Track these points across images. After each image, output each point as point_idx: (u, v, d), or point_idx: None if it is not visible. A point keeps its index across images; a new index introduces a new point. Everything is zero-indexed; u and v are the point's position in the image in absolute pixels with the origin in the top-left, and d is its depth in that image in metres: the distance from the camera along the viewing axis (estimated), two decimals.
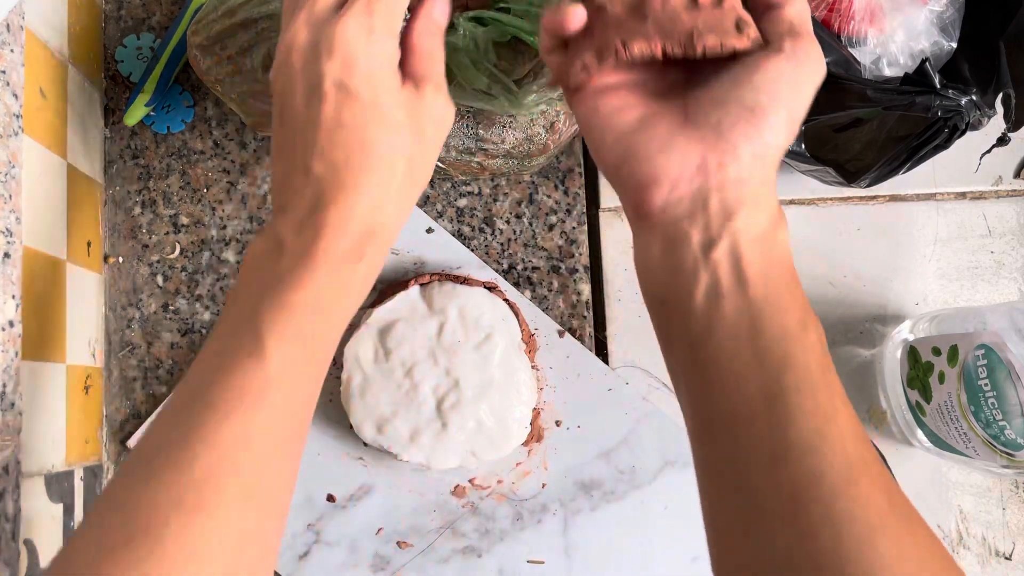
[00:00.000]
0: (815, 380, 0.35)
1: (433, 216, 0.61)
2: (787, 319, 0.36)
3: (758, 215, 0.37)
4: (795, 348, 0.35)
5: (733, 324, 0.36)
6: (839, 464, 0.33)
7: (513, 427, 0.57)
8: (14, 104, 0.46)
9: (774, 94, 0.37)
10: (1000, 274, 0.62)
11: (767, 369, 0.35)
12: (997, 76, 0.49)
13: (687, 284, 0.37)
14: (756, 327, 0.36)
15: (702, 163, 0.37)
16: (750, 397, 0.35)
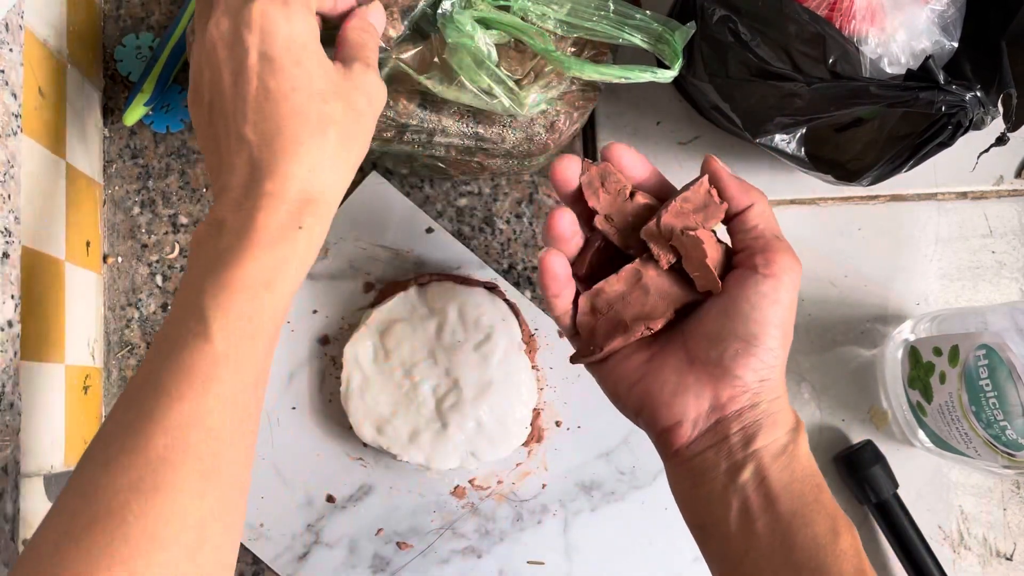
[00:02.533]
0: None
1: (433, 216, 0.61)
2: (817, 529, 0.38)
3: (776, 431, 0.40)
4: (828, 559, 0.38)
5: (767, 543, 0.38)
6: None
7: (513, 427, 0.57)
8: (13, 104, 0.46)
9: (763, 319, 0.40)
10: (1001, 274, 0.62)
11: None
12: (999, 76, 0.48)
13: (720, 510, 0.40)
14: (788, 543, 0.38)
15: (715, 401, 0.41)
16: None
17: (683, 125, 0.63)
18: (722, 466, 0.40)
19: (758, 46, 0.49)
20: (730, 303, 0.41)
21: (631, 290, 0.44)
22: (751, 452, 0.40)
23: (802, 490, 0.39)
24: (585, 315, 0.44)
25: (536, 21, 0.49)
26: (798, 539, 0.38)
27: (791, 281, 0.41)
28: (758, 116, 0.51)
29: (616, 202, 0.44)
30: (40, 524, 0.35)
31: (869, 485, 0.57)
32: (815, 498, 0.39)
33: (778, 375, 0.41)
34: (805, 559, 0.38)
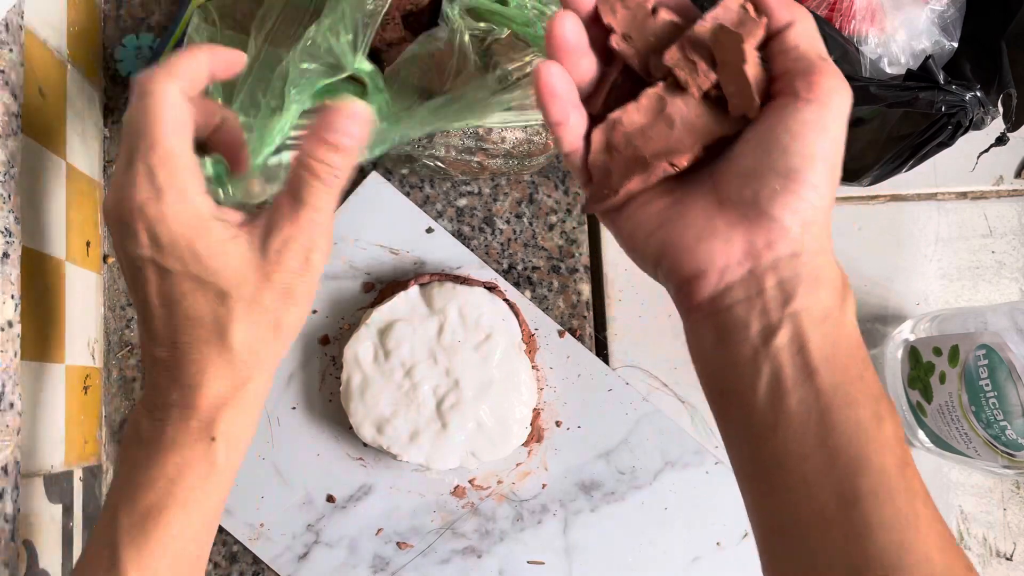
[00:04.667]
0: (893, 483, 0.32)
1: (433, 216, 0.61)
2: (860, 412, 0.32)
3: (820, 292, 0.34)
4: (870, 446, 0.32)
5: (800, 421, 0.33)
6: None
7: (513, 427, 0.57)
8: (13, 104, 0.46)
9: (806, 152, 0.33)
10: (1001, 274, 0.62)
11: (840, 471, 0.32)
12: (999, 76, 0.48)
13: (748, 377, 0.34)
14: (826, 423, 0.32)
15: (748, 247, 0.34)
16: (823, 504, 0.32)
17: None
18: (754, 326, 0.33)
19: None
20: (767, 134, 0.34)
21: (653, 121, 0.36)
22: (789, 313, 0.33)
23: (847, 364, 0.33)
24: (599, 153, 0.37)
25: (538, 7, 0.48)
26: (837, 420, 0.32)
27: (839, 107, 0.34)
28: None
29: (636, 19, 0.36)
30: None
31: None
32: (859, 375, 0.33)
33: (823, 221, 0.34)
34: (844, 444, 0.32)
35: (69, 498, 0.53)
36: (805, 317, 0.33)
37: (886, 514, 0.31)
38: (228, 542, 0.59)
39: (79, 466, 0.55)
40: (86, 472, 0.56)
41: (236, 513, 0.59)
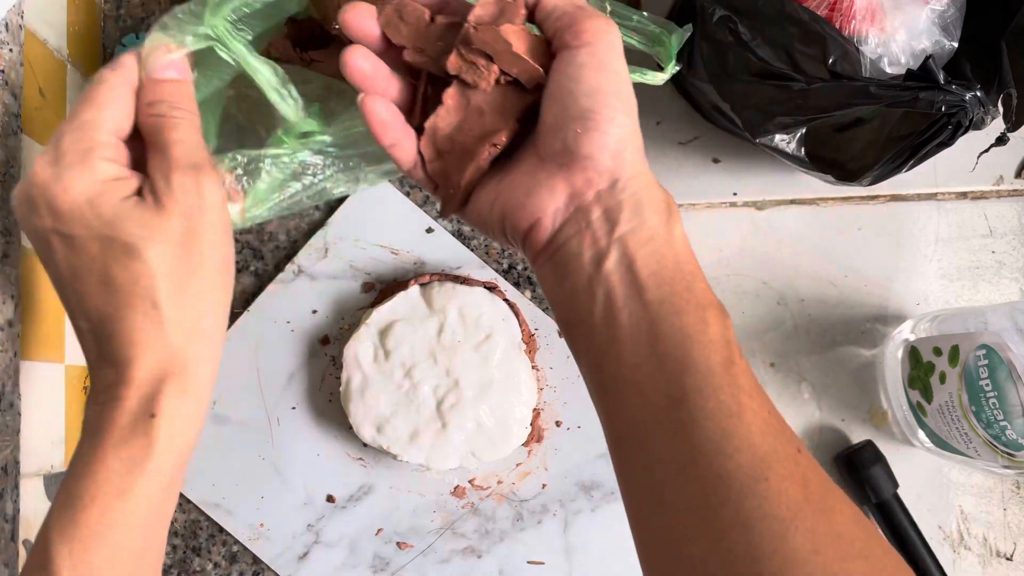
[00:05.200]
0: (717, 380, 0.34)
1: (433, 216, 0.61)
2: (685, 319, 0.35)
3: (644, 214, 0.36)
4: (695, 349, 0.34)
5: (632, 334, 0.35)
6: (746, 462, 0.32)
7: (513, 427, 0.57)
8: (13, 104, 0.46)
9: (592, 90, 0.36)
10: (1001, 274, 0.62)
11: (668, 374, 0.34)
12: (999, 76, 0.48)
13: (586, 302, 0.36)
14: (654, 333, 0.35)
15: (571, 188, 0.37)
16: (655, 405, 0.34)
17: (683, 125, 0.63)
18: (586, 255, 0.36)
19: (758, 46, 0.49)
20: (557, 87, 0.37)
21: (465, 116, 0.40)
22: (616, 238, 0.36)
23: (673, 278, 0.35)
24: (433, 161, 0.40)
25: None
26: (663, 329, 0.35)
27: (608, 43, 0.37)
28: (758, 116, 0.51)
29: (420, 31, 0.40)
30: None
31: (869, 485, 0.57)
32: (687, 287, 0.35)
33: (633, 149, 0.37)
34: (671, 349, 0.34)
35: None
36: (631, 239, 0.36)
37: (710, 407, 0.33)
38: (228, 542, 0.59)
39: None
40: None
41: (236, 513, 0.59)
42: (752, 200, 0.63)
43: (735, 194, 0.62)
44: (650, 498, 0.35)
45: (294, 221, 0.61)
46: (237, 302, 0.60)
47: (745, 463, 0.32)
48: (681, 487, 0.33)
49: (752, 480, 0.32)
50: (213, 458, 0.59)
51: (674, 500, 0.34)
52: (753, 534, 0.31)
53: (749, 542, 0.31)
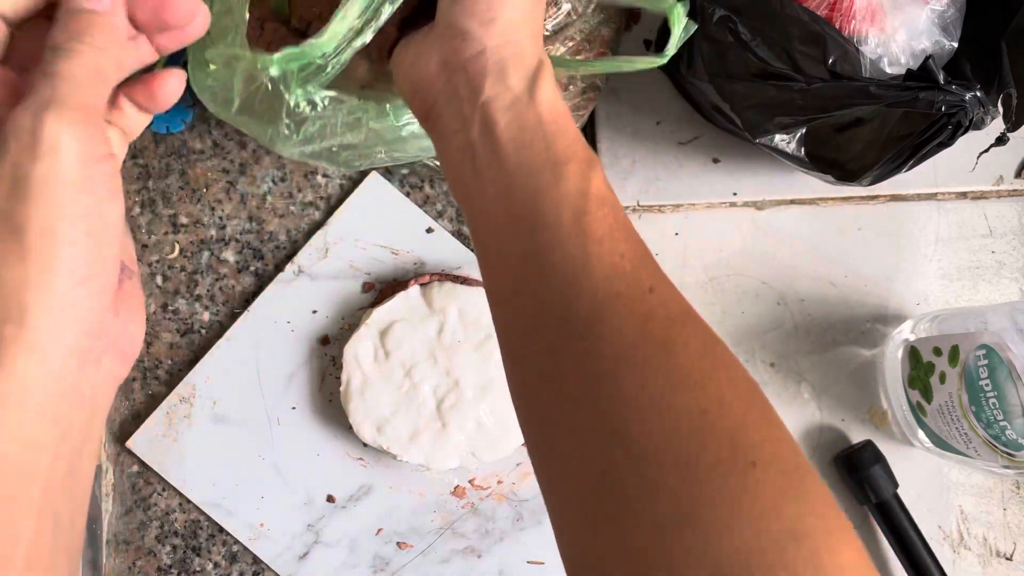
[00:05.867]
0: (565, 231, 0.34)
1: (433, 216, 0.61)
2: (539, 178, 0.35)
3: (508, 80, 0.36)
4: (546, 205, 0.34)
5: (492, 198, 0.36)
6: (585, 308, 0.32)
7: (513, 427, 0.57)
8: None
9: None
10: (1001, 274, 0.62)
11: (521, 233, 0.34)
12: (999, 76, 0.48)
13: (461, 171, 0.37)
14: (509, 195, 0.35)
15: (442, 58, 0.37)
16: (513, 265, 0.35)
17: (683, 125, 0.63)
18: (455, 125, 0.37)
19: (758, 46, 0.49)
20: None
21: (361, 60, 0.43)
22: (479, 105, 0.36)
23: (532, 140, 0.35)
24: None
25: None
26: (518, 189, 0.35)
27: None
28: (758, 116, 0.51)
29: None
30: None
31: (869, 485, 0.57)
32: (546, 145, 0.35)
33: (508, 16, 0.36)
34: (523, 209, 0.34)
35: None
36: (492, 105, 0.36)
37: (555, 260, 0.33)
38: (228, 542, 0.59)
39: None
40: None
41: (236, 513, 0.59)
42: (752, 200, 0.63)
43: (735, 194, 0.62)
44: (510, 359, 0.36)
45: (294, 221, 0.61)
46: (237, 302, 0.60)
47: (583, 309, 0.32)
48: (532, 342, 0.34)
49: (587, 324, 0.32)
50: (213, 458, 0.59)
51: (527, 356, 0.34)
52: (587, 376, 0.32)
53: (585, 384, 0.32)
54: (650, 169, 0.63)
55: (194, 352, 0.60)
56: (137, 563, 0.59)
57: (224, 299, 0.61)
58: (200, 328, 0.60)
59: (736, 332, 0.61)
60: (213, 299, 0.61)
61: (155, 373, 0.60)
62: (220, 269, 0.61)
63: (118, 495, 0.59)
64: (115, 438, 0.59)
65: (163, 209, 0.61)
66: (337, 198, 0.61)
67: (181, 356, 0.60)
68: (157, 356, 0.60)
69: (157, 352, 0.60)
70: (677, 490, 0.29)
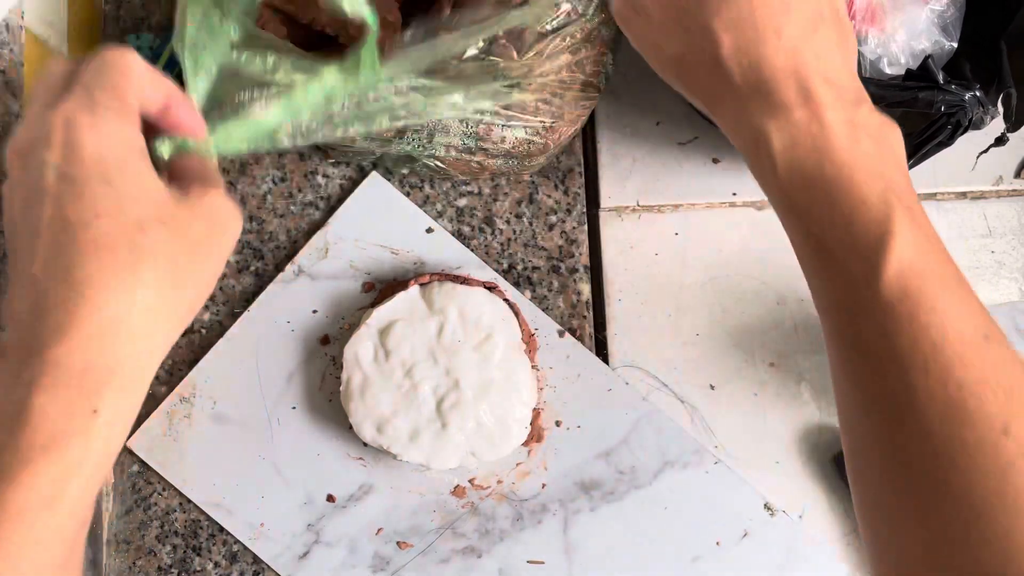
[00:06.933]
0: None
1: (433, 216, 0.61)
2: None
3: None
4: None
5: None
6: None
7: (513, 427, 0.57)
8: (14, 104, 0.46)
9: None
10: (1000, 274, 0.62)
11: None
12: (999, 76, 0.49)
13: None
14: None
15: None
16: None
17: (683, 125, 0.63)
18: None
19: None
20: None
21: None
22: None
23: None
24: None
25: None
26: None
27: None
28: None
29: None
30: None
31: None
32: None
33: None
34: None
35: None
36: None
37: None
38: (228, 542, 0.59)
39: None
40: None
41: (236, 513, 0.59)
42: (752, 200, 0.63)
43: (735, 194, 0.62)
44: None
45: (294, 221, 0.61)
46: (237, 302, 0.60)
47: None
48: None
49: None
50: (213, 458, 0.59)
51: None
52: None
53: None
54: (650, 169, 0.63)
55: (194, 352, 0.60)
56: (137, 563, 0.59)
57: (224, 299, 0.61)
58: (200, 328, 0.60)
59: (736, 332, 0.61)
60: (213, 299, 0.61)
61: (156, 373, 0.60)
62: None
63: (118, 495, 0.59)
64: None
65: None
66: (337, 198, 0.61)
67: (181, 356, 0.60)
68: None
69: None
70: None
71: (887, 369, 0.31)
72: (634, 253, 0.62)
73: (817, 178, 0.33)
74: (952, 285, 0.32)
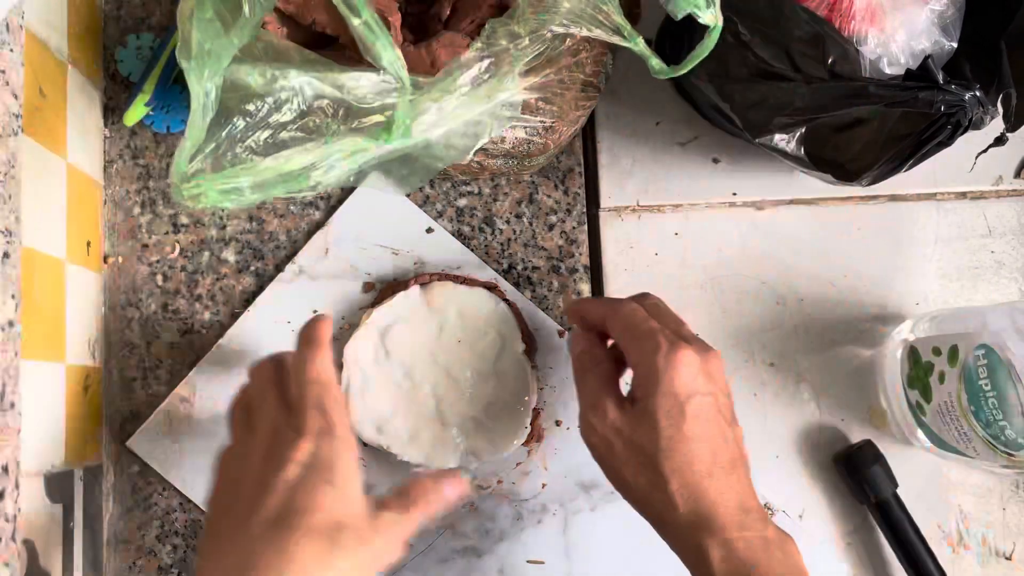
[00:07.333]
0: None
1: (433, 216, 0.61)
2: None
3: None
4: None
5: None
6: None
7: (513, 427, 0.57)
8: (14, 104, 0.46)
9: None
10: (1000, 274, 0.62)
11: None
12: (999, 76, 0.49)
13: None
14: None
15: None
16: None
17: (682, 125, 0.63)
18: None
19: (758, 46, 0.49)
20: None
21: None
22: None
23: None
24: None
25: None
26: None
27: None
28: (758, 116, 0.51)
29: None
30: None
31: (868, 485, 0.57)
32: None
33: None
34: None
35: (69, 498, 0.53)
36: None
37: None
38: None
39: (79, 466, 0.55)
40: (86, 472, 0.56)
41: None
42: (752, 200, 0.63)
43: (735, 194, 0.62)
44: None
45: (294, 221, 0.61)
46: (237, 302, 0.61)
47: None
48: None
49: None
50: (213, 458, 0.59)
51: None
52: None
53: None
54: (650, 169, 0.63)
55: (194, 352, 0.60)
56: (137, 562, 0.59)
57: (224, 299, 0.61)
58: (200, 328, 0.60)
59: (736, 332, 0.61)
60: (213, 299, 0.61)
61: (156, 373, 0.60)
62: (220, 269, 0.61)
63: (118, 495, 0.59)
64: (116, 437, 0.59)
65: (163, 209, 0.61)
66: (337, 198, 0.61)
67: (181, 356, 0.60)
68: (158, 356, 0.60)
69: (158, 352, 0.60)
70: None
71: None
72: (634, 253, 0.62)
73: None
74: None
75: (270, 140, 0.45)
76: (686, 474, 0.45)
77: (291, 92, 0.44)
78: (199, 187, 0.42)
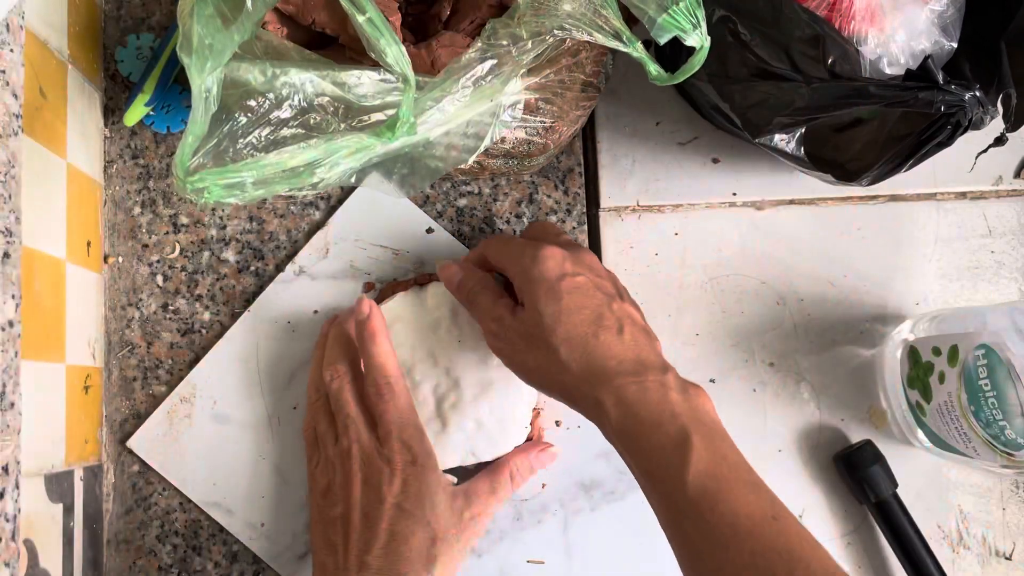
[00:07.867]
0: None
1: (433, 216, 0.61)
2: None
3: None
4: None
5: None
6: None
7: (513, 427, 0.57)
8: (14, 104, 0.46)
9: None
10: (1000, 274, 0.62)
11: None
12: (999, 76, 0.49)
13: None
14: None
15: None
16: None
17: (682, 125, 0.63)
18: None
19: (758, 46, 0.49)
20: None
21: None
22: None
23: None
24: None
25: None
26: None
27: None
28: (758, 116, 0.51)
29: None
30: None
31: (868, 485, 0.57)
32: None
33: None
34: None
35: (70, 498, 0.53)
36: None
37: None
38: (228, 542, 0.59)
39: (79, 466, 0.55)
40: (86, 472, 0.56)
41: (236, 513, 0.59)
42: (752, 200, 0.63)
43: (735, 194, 0.62)
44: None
45: (294, 221, 0.61)
46: (237, 302, 0.61)
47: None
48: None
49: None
50: (213, 458, 0.59)
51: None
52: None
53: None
54: (650, 169, 0.63)
55: (194, 352, 0.60)
56: (138, 562, 0.59)
57: (224, 299, 0.61)
58: (200, 328, 0.60)
59: (736, 332, 0.61)
60: (213, 299, 0.61)
61: (156, 373, 0.60)
62: (220, 269, 0.61)
63: (118, 495, 0.59)
64: (115, 438, 0.59)
65: (163, 209, 0.61)
66: (337, 198, 0.61)
67: (181, 356, 0.60)
68: (157, 356, 0.60)
69: (157, 352, 0.60)
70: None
71: (700, 547, 0.42)
72: (634, 253, 0.62)
73: (637, 424, 0.45)
74: (742, 481, 0.43)
75: (271, 137, 0.45)
76: (573, 340, 0.48)
77: (292, 89, 0.44)
78: (203, 181, 0.42)
